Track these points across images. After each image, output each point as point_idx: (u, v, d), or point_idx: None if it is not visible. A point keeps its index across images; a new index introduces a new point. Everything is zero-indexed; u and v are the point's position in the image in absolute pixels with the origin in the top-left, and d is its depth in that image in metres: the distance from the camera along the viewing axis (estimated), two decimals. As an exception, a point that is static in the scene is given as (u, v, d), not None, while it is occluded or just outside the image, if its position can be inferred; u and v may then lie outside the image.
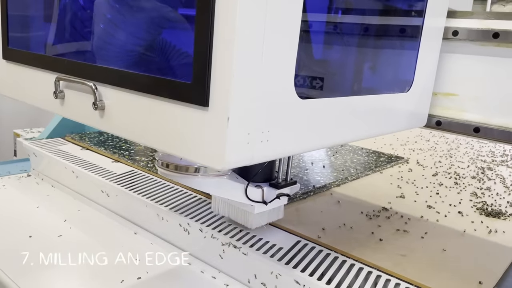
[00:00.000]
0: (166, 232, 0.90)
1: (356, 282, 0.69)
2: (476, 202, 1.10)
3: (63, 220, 0.98)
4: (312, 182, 1.10)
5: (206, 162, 0.47)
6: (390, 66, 0.78)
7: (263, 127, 0.48)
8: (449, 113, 0.79)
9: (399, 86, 0.73)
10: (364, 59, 0.77)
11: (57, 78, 0.64)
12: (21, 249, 0.85)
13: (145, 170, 1.11)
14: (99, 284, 0.75)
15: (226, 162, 0.45)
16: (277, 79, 0.48)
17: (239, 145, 0.46)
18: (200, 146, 0.47)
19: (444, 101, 0.79)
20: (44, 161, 1.21)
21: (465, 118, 0.78)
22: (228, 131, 0.44)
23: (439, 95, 0.79)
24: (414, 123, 0.77)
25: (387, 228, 0.88)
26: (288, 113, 0.51)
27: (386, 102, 0.69)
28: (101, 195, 1.04)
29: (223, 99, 0.44)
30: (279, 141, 0.51)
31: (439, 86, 0.79)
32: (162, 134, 0.51)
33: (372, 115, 0.66)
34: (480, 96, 0.76)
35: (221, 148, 0.45)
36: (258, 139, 0.48)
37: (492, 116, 0.75)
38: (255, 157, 0.48)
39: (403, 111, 0.73)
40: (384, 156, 1.47)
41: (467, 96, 0.77)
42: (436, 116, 0.80)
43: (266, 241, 0.79)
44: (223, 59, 0.43)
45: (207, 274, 0.81)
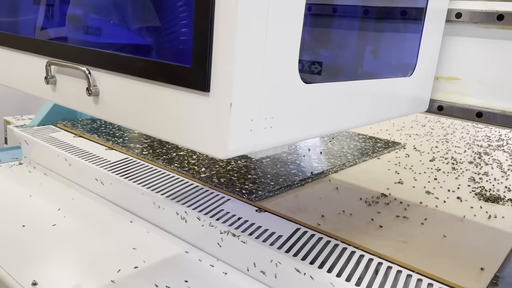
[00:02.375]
0: (162, 220, 0.89)
1: (357, 269, 0.68)
2: (475, 187, 1.09)
3: (56, 209, 0.96)
4: (309, 169, 1.08)
5: (207, 150, 0.45)
6: (392, 50, 0.76)
7: (267, 113, 0.46)
8: (451, 98, 0.78)
9: (402, 70, 0.71)
10: (365, 43, 0.75)
11: (48, 62, 0.61)
12: (14, 239, 0.83)
13: (140, 157, 1.09)
14: (95, 274, 0.74)
15: (228, 151, 0.43)
16: (282, 61, 0.46)
17: (242, 132, 0.44)
18: (200, 134, 0.45)
19: (446, 85, 0.78)
20: (36, 149, 1.19)
21: (468, 102, 0.77)
22: (231, 117, 0.42)
23: (441, 79, 0.78)
24: (416, 108, 0.75)
25: (387, 214, 0.88)
26: (293, 98, 0.49)
27: (389, 86, 0.67)
28: (95, 183, 1.02)
29: (225, 83, 0.42)
30: (283, 128, 0.49)
31: (441, 70, 0.78)
32: (160, 121, 0.49)
33: (375, 100, 0.65)
34: (483, 80, 0.74)
35: (224, 136, 0.43)
36: (262, 126, 0.46)
37: (495, 100, 0.74)
38: (258, 145, 0.46)
39: (405, 95, 0.72)
40: (381, 141, 1.46)
41: (470, 80, 0.76)
42: (438, 101, 0.79)
43: (265, 229, 0.77)
44: (226, 40, 0.41)
45: (205, 262, 0.80)
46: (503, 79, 0.73)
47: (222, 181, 0.96)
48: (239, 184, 0.94)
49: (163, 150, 1.13)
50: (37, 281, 0.71)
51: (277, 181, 0.97)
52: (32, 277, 0.72)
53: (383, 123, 1.84)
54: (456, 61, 0.76)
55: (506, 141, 1.71)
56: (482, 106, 0.75)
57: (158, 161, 1.06)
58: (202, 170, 1.01)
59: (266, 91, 0.46)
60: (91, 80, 0.55)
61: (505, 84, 0.73)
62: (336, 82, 0.57)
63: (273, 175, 1.01)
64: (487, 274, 0.68)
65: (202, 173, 0.99)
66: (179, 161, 1.06)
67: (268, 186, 0.94)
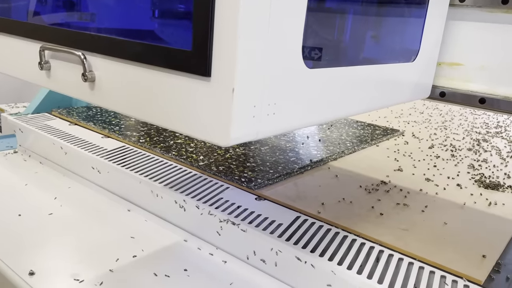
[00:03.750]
0: (161, 209, 0.88)
1: (359, 258, 0.67)
2: (474, 174, 1.09)
3: (53, 197, 0.95)
4: (309, 156, 1.07)
5: (208, 138, 0.43)
6: (395, 35, 0.74)
7: (270, 99, 0.45)
8: (453, 84, 0.77)
9: (405, 56, 0.70)
10: (367, 28, 0.73)
11: (42, 47, 0.59)
12: (10, 228, 0.82)
13: (137, 145, 1.07)
14: (94, 263, 0.73)
15: (231, 139, 0.42)
16: (285, 45, 0.45)
17: (244, 119, 0.42)
18: (201, 121, 0.43)
19: (448, 71, 0.77)
20: (31, 137, 1.17)
21: (470, 88, 0.75)
22: (233, 104, 0.40)
23: (443, 64, 0.77)
24: (419, 94, 0.74)
25: (387, 202, 0.87)
26: (296, 83, 0.48)
27: (392, 72, 0.66)
28: (92, 172, 1.01)
29: (227, 68, 0.40)
30: (286, 114, 0.48)
31: (443, 55, 0.76)
32: (159, 108, 0.47)
33: (378, 85, 0.63)
34: (486, 65, 0.73)
35: (226, 123, 0.41)
36: (265, 112, 0.44)
37: (499, 86, 0.73)
38: (261, 132, 0.45)
39: (408, 81, 0.70)
40: (380, 129, 1.45)
41: (473, 65, 0.74)
42: (439, 87, 0.77)
43: (265, 217, 0.77)
44: (228, 23, 0.39)
45: (204, 251, 0.80)
46: (506, 65, 0.71)
47: (220, 169, 0.94)
48: (238, 172, 0.93)
49: (160, 138, 1.12)
50: (35, 271, 0.70)
51: (276, 169, 0.96)
52: (29, 266, 0.71)
53: (382, 110, 1.83)
54: (458, 46, 0.75)
55: (505, 128, 1.71)
56: (485, 92, 0.74)
57: (156, 149, 1.04)
58: (200, 158, 1.00)
59: (269, 76, 0.44)
60: (86, 65, 0.53)
61: (508, 70, 0.71)
62: (339, 67, 0.55)
63: (272, 163, 1.00)
64: (488, 261, 0.67)
65: (200, 161, 0.98)
66: (177, 149, 1.05)
67: (267, 174, 0.93)
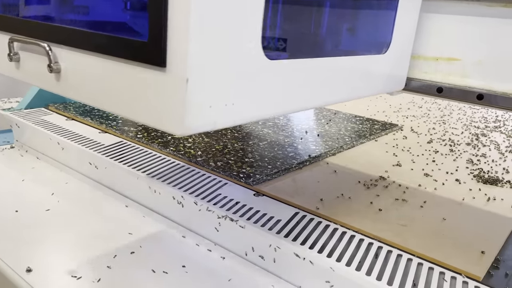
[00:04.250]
0: (159, 205, 0.87)
1: (357, 254, 0.67)
2: (473, 169, 1.09)
3: (50, 193, 0.94)
4: (307, 152, 1.07)
5: (164, 127, 0.44)
6: (365, 26, 0.73)
7: (228, 89, 0.45)
8: (450, 79, 0.76)
9: (375, 48, 0.69)
10: (335, 19, 0.72)
11: (11, 39, 0.59)
12: (7, 225, 0.81)
13: (134, 141, 1.07)
14: (91, 260, 0.73)
15: (185, 128, 0.42)
16: (242, 36, 0.45)
17: (200, 109, 0.43)
18: (158, 110, 0.44)
19: (445, 66, 0.76)
20: (27, 133, 1.16)
21: (468, 84, 0.75)
22: (187, 93, 0.41)
23: (440, 60, 0.76)
24: (392, 86, 0.74)
25: (386, 197, 0.87)
26: (256, 74, 0.48)
27: (362, 64, 0.66)
28: (89, 167, 1.00)
29: (181, 58, 0.40)
30: (246, 105, 0.48)
31: (440, 50, 0.76)
32: (118, 97, 0.48)
33: (347, 77, 0.63)
34: (484, 60, 0.72)
35: (180, 112, 0.42)
36: (223, 103, 0.45)
37: (496, 82, 0.72)
38: (219, 122, 0.45)
39: (380, 73, 0.70)
40: (378, 123, 1.45)
41: (470, 60, 0.74)
42: (435, 83, 0.77)
43: (263, 213, 0.76)
44: (180, 14, 0.39)
45: (202, 247, 0.79)
46: (504, 60, 0.71)
47: (219, 164, 0.94)
48: (236, 167, 0.93)
49: (158, 133, 1.11)
50: (32, 267, 0.69)
51: (274, 165, 0.96)
52: (27, 263, 0.70)
53: (380, 105, 1.82)
54: (455, 41, 0.74)
55: (503, 122, 1.70)
56: (483, 88, 0.73)
57: (153, 144, 1.04)
58: (198, 154, 0.99)
59: (227, 67, 0.44)
60: (52, 56, 0.54)
61: (507, 65, 0.71)
62: (302, 59, 0.55)
63: (270, 159, 0.99)
64: (487, 257, 0.67)
65: (198, 156, 0.98)
66: (175, 144, 1.04)
67: (265, 169, 0.93)
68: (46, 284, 0.66)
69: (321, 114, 1.50)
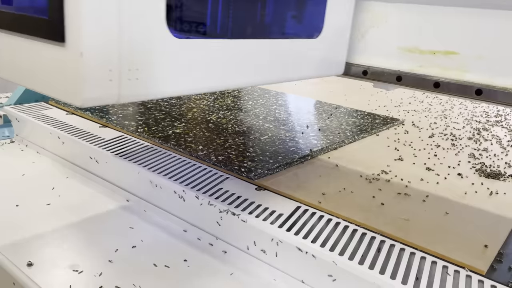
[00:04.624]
0: (160, 199, 0.87)
1: (360, 248, 0.67)
2: (475, 163, 1.08)
3: (51, 187, 0.94)
4: (309, 146, 1.06)
5: (65, 98, 0.46)
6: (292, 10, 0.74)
7: (130, 64, 0.47)
8: (448, 74, 0.74)
9: (305, 32, 0.70)
10: (257, 2, 0.72)
11: None
12: (8, 219, 0.81)
13: (135, 135, 1.06)
14: (93, 254, 0.72)
15: (83, 99, 0.45)
16: (143, 12, 0.47)
17: (99, 82, 0.45)
18: (59, 83, 0.47)
19: (443, 60, 0.74)
20: (27, 127, 1.16)
21: (467, 79, 0.73)
22: (83, 67, 0.43)
23: (438, 53, 0.74)
24: (327, 71, 0.75)
25: (388, 191, 0.86)
26: (162, 51, 0.50)
27: (287, 47, 0.66)
28: (90, 162, 1.00)
29: (76, 33, 0.43)
30: (152, 81, 0.50)
31: (438, 43, 0.74)
32: (27, 71, 0.51)
33: (272, 59, 0.64)
34: (485, 54, 0.70)
35: (78, 84, 0.44)
36: (125, 77, 0.47)
37: (497, 76, 0.70)
38: (123, 95, 0.47)
39: (312, 57, 0.70)
40: (380, 118, 1.44)
41: (470, 54, 0.72)
42: (431, 77, 0.74)
43: (265, 208, 0.76)
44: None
45: (203, 241, 0.79)
46: (506, 54, 0.69)
47: (220, 159, 0.94)
48: (237, 162, 0.93)
49: (158, 128, 1.11)
50: (33, 262, 0.69)
51: (276, 159, 0.95)
52: (28, 257, 0.70)
53: (381, 100, 1.82)
54: (454, 34, 0.72)
55: (505, 117, 1.70)
56: (482, 83, 0.71)
57: (154, 138, 1.03)
58: (199, 148, 0.99)
59: (127, 42, 0.46)
60: None
61: (507, 59, 0.69)
62: (217, 39, 0.57)
63: (271, 153, 0.99)
64: (491, 251, 0.67)
65: (199, 151, 0.97)
66: (176, 138, 1.04)
67: (267, 164, 0.93)
68: (47, 278, 0.66)
69: (322, 109, 1.50)
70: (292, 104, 1.55)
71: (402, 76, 0.77)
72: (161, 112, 1.25)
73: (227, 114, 1.30)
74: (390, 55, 0.78)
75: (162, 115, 1.22)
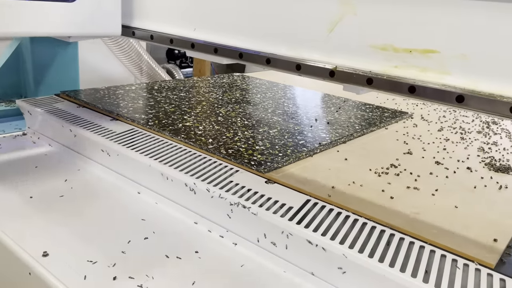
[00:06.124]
0: (171, 191, 0.88)
1: (370, 241, 0.67)
2: (484, 157, 1.08)
3: (63, 180, 0.96)
4: (317, 139, 1.07)
5: None
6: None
7: None
8: (426, 76, 0.61)
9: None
10: None
11: None
12: (22, 210, 0.83)
13: (146, 128, 1.07)
14: (106, 245, 0.74)
15: None
16: None
17: None
18: None
19: (421, 60, 0.61)
20: (39, 120, 1.17)
21: (447, 82, 0.60)
22: None
23: (414, 52, 0.61)
24: (98, 32, 0.86)
25: (397, 185, 0.87)
26: None
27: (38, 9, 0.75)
28: (101, 154, 1.01)
29: None
30: None
31: (415, 40, 0.61)
32: None
33: None
34: (469, 53, 0.57)
35: None
36: None
37: (482, 80, 0.57)
38: None
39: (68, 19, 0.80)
40: (388, 111, 1.44)
41: (451, 53, 0.59)
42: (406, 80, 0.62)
43: (275, 201, 0.77)
44: None
45: (214, 233, 0.80)
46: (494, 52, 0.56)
47: (230, 152, 0.94)
48: (247, 155, 0.93)
49: (168, 121, 1.12)
50: (48, 252, 0.71)
51: (285, 152, 0.96)
52: (43, 248, 0.71)
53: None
54: (433, 29, 0.60)
55: (514, 111, 1.69)
56: (464, 87, 0.58)
57: (165, 132, 1.04)
58: (209, 141, 1.00)
59: None
60: None
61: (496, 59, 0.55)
62: None
63: (281, 146, 1.00)
64: (500, 245, 0.67)
65: (209, 144, 0.98)
66: (186, 132, 1.05)
67: (276, 157, 0.93)
68: (63, 268, 0.67)
69: (330, 102, 1.50)
70: (300, 97, 1.55)
71: (373, 79, 0.65)
72: (171, 105, 1.25)
73: (236, 107, 1.31)
74: (360, 53, 0.67)
75: (172, 108, 1.23)
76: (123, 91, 1.37)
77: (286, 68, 0.75)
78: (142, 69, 2.28)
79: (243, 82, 1.72)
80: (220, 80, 1.72)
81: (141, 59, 2.22)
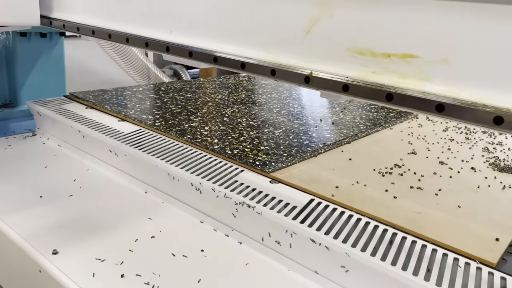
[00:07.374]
0: (177, 191, 0.90)
1: (372, 240, 0.68)
2: (488, 157, 1.09)
3: (72, 180, 0.98)
4: (322, 140, 1.08)
5: None
6: None
7: None
8: (405, 83, 0.56)
9: None
10: None
11: None
12: (33, 210, 0.85)
13: (153, 129, 1.09)
14: (114, 244, 0.76)
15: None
16: None
17: None
18: None
19: (400, 66, 0.56)
20: (49, 121, 1.19)
21: (427, 90, 0.55)
22: None
23: (393, 56, 0.57)
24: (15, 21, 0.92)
25: (401, 185, 0.88)
26: None
27: None
28: (109, 155, 1.03)
29: None
30: None
31: (393, 44, 0.56)
32: None
33: None
34: (451, 58, 0.52)
35: None
36: None
37: (464, 87, 0.52)
38: None
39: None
40: (393, 111, 1.44)
41: (432, 58, 0.54)
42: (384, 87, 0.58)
43: (279, 200, 0.78)
44: None
45: (220, 232, 0.81)
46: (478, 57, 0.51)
47: (235, 152, 0.96)
48: (252, 155, 0.95)
49: (175, 122, 1.13)
50: (58, 250, 0.72)
51: (290, 152, 0.97)
52: (53, 246, 0.73)
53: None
54: (413, 32, 0.55)
55: (521, 110, 1.68)
56: (446, 95, 0.53)
57: (171, 132, 1.06)
58: (215, 142, 1.01)
59: None
60: None
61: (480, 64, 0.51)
62: None
63: (285, 146, 1.01)
64: (501, 244, 0.68)
65: (215, 144, 1.00)
66: (192, 132, 1.06)
67: (281, 157, 0.94)
68: (72, 266, 0.69)
69: (335, 102, 1.51)
70: (305, 97, 1.56)
71: (349, 85, 0.61)
72: (177, 106, 1.27)
73: (242, 107, 1.32)
74: (337, 58, 0.62)
75: (178, 109, 1.25)
76: (131, 92, 1.39)
77: (261, 73, 0.69)
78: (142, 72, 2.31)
79: (249, 83, 1.73)
80: (226, 81, 1.74)
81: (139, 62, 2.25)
